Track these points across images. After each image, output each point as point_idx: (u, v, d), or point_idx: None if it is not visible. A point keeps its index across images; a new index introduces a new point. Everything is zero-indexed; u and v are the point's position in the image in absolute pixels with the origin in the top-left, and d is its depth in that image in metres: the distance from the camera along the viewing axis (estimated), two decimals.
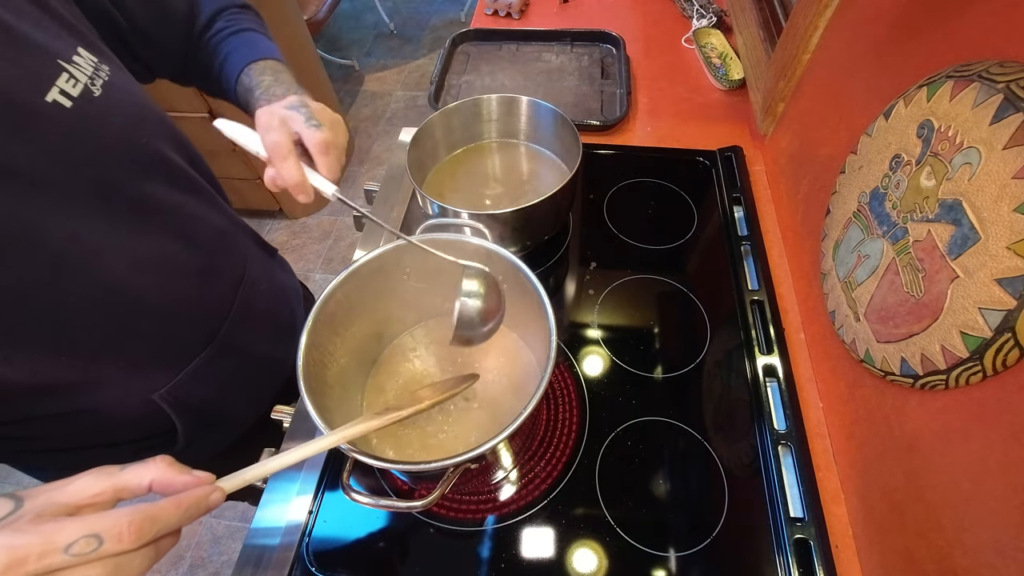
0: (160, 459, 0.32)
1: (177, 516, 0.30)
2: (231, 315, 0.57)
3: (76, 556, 0.26)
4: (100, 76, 0.43)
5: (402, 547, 0.56)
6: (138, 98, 0.48)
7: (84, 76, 0.42)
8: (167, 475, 0.31)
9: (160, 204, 0.49)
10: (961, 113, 0.40)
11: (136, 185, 0.46)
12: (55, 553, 0.26)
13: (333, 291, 0.50)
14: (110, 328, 0.46)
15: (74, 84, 0.41)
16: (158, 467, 0.31)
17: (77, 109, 0.41)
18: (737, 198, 0.80)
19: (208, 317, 0.56)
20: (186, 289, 0.52)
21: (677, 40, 1.08)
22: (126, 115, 0.46)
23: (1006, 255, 0.35)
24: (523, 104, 0.78)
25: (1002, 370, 0.36)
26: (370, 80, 2.52)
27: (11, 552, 0.25)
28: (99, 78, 0.43)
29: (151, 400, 0.52)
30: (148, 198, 0.47)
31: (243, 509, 1.39)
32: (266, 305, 0.64)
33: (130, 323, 0.48)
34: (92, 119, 0.42)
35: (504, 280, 0.54)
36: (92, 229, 0.43)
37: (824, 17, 0.66)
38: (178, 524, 0.30)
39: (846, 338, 0.54)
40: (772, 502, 0.55)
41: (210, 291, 0.55)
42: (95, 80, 0.42)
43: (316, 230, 1.97)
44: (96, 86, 0.42)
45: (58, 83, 0.40)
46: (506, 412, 0.56)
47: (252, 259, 0.62)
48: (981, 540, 0.38)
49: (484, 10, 1.18)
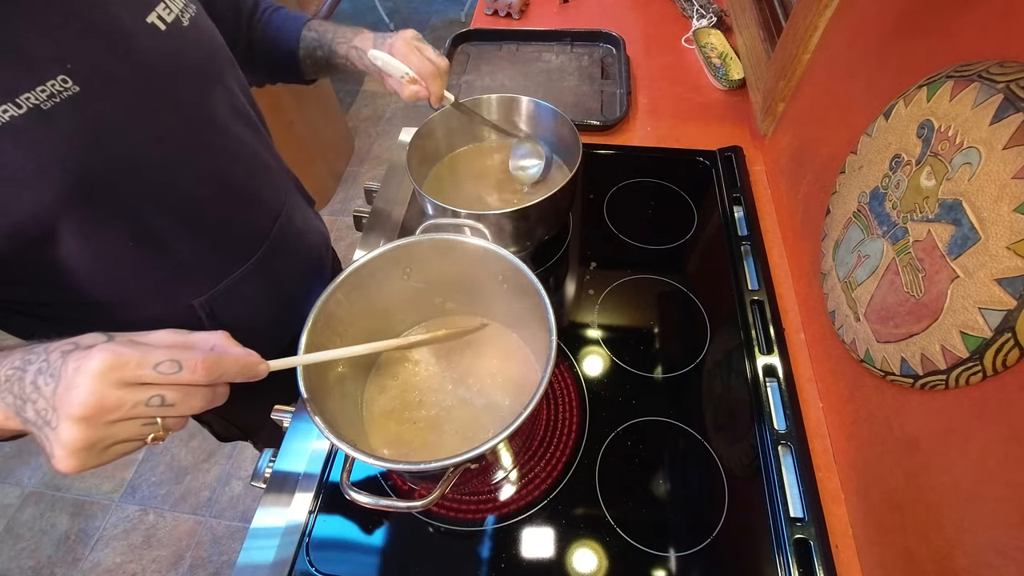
0: (221, 332, 0.38)
1: (235, 369, 0.36)
2: (268, 241, 0.63)
3: (161, 374, 0.33)
4: (189, 11, 0.51)
5: (402, 547, 0.56)
6: (217, 37, 0.56)
7: (176, 8, 0.50)
8: (226, 343, 0.38)
9: (224, 128, 0.56)
10: (961, 113, 0.40)
11: (208, 107, 0.54)
12: (147, 366, 0.32)
13: (333, 291, 0.50)
14: (171, 228, 0.52)
15: (169, 12, 0.49)
16: (219, 336, 0.38)
17: (169, 33, 0.49)
18: (737, 198, 0.80)
19: (249, 238, 0.62)
20: (234, 208, 0.58)
21: (677, 40, 1.08)
22: (207, 47, 0.54)
23: (1006, 255, 0.35)
24: (523, 104, 0.78)
25: (1002, 370, 0.36)
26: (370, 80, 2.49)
27: (117, 356, 0.32)
28: (188, 12, 0.51)
29: (191, 306, 0.58)
30: (215, 121, 0.55)
31: (243, 509, 1.39)
32: (298, 243, 0.70)
33: (187, 227, 0.54)
34: (181, 42, 0.50)
35: (504, 280, 0.54)
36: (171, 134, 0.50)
37: (824, 17, 0.66)
38: (234, 376, 0.36)
39: (846, 338, 0.54)
40: (772, 502, 0.55)
41: (253, 214, 0.62)
42: (185, 13, 0.51)
43: None
44: (185, 18, 0.51)
45: (156, 9, 0.48)
46: (506, 412, 0.56)
47: (291, 199, 0.69)
48: (981, 540, 0.38)
49: (484, 10, 1.18)
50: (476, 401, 0.57)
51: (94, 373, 0.31)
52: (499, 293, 0.56)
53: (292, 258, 0.69)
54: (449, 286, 0.59)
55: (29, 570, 1.32)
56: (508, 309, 0.59)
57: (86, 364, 0.32)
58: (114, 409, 0.32)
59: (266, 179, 0.64)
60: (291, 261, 0.69)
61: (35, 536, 1.37)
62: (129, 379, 0.32)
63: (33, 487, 1.45)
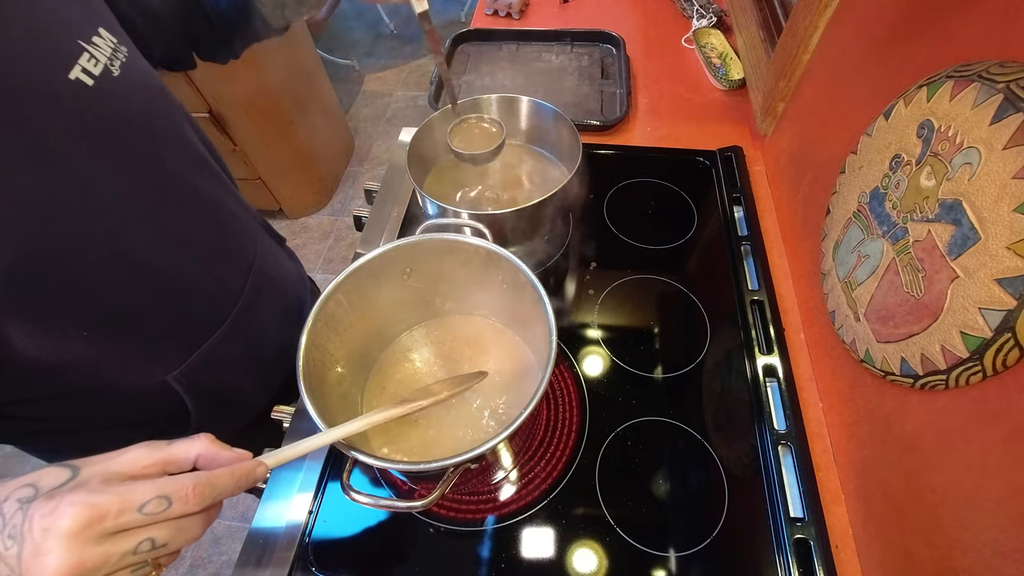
0: (203, 436, 0.33)
1: (231, 484, 0.32)
2: (242, 298, 0.58)
3: (148, 515, 0.28)
4: (119, 57, 0.44)
5: (402, 547, 0.56)
6: (155, 79, 0.49)
7: (104, 56, 0.43)
8: (212, 450, 0.33)
9: (179, 182, 0.50)
10: (961, 113, 0.40)
11: (156, 162, 0.47)
12: (130, 511, 0.28)
13: (333, 291, 0.50)
14: (130, 305, 0.47)
15: (95, 64, 0.42)
16: (202, 443, 0.33)
17: (98, 87, 0.42)
18: (737, 198, 0.80)
19: (220, 299, 0.56)
20: (200, 269, 0.53)
21: (677, 40, 1.08)
22: (144, 95, 0.47)
23: (1006, 255, 0.35)
24: (523, 104, 0.78)
25: (1002, 370, 0.36)
26: (370, 80, 2.52)
27: (92, 509, 0.27)
28: (117, 59, 0.44)
29: (165, 382, 0.53)
30: (167, 175, 0.49)
31: (243, 509, 1.39)
32: (275, 291, 0.65)
33: (149, 301, 0.48)
34: (113, 96, 0.43)
35: (504, 281, 0.54)
36: (114, 203, 0.43)
37: (824, 17, 0.66)
38: (231, 492, 0.32)
39: (846, 338, 0.54)
40: (772, 502, 0.55)
41: (222, 273, 0.56)
42: (114, 61, 0.44)
43: (316, 230, 1.97)
44: (115, 66, 0.43)
45: (80, 61, 0.41)
46: (506, 412, 0.56)
47: (262, 245, 0.63)
48: (981, 540, 0.38)
49: (484, 10, 1.18)
50: (476, 401, 0.57)
51: (68, 534, 0.26)
52: (499, 293, 0.56)
53: (270, 309, 0.64)
54: (449, 286, 0.59)
55: None
56: (508, 309, 0.59)
57: (56, 525, 0.26)
58: (97, 569, 0.27)
59: (233, 230, 0.58)
60: (269, 312, 0.64)
61: None
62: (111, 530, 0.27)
63: None
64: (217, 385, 0.58)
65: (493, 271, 0.54)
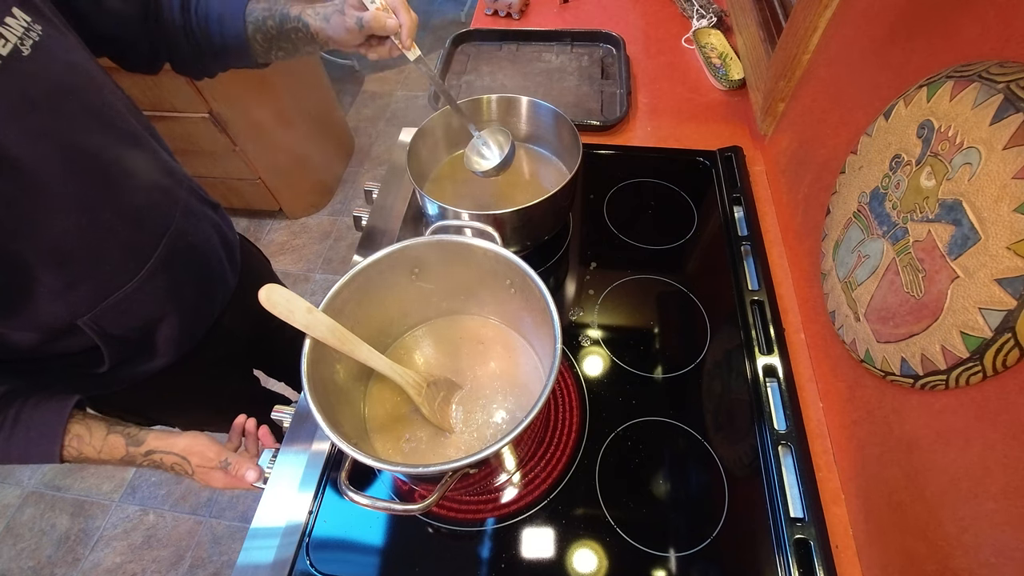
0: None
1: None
2: (154, 259, 0.61)
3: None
4: (31, 36, 0.46)
5: (402, 547, 0.56)
6: (72, 56, 0.51)
7: (14, 36, 0.45)
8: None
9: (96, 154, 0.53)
10: (961, 113, 0.40)
11: (66, 136, 0.50)
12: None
13: (339, 290, 0.50)
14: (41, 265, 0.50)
15: (4, 44, 0.44)
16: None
17: (5, 67, 0.44)
18: (737, 198, 0.80)
19: (131, 259, 0.59)
20: (110, 234, 0.56)
21: (677, 40, 1.08)
22: (57, 72, 0.49)
23: (1006, 255, 0.35)
24: (523, 104, 0.78)
25: (1002, 370, 0.36)
26: (370, 80, 2.52)
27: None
28: (29, 38, 0.46)
29: (75, 325, 0.56)
30: (83, 149, 0.51)
31: (243, 510, 1.39)
32: (191, 255, 0.67)
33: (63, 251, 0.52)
34: (21, 76, 0.45)
35: (512, 284, 0.54)
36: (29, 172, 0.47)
37: (824, 17, 0.66)
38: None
39: (846, 338, 0.54)
40: (772, 502, 0.55)
41: (131, 236, 0.58)
42: (24, 40, 0.46)
43: (316, 230, 1.97)
44: (26, 46, 0.45)
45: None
46: (509, 414, 0.56)
47: (184, 212, 0.65)
48: (981, 540, 0.38)
49: (484, 10, 1.18)
50: (479, 402, 0.57)
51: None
52: (506, 296, 0.56)
53: (186, 268, 0.66)
54: (456, 287, 0.59)
55: (29, 570, 1.32)
56: (514, 312, 0.59)
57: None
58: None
59: (153, 197, 0.61)
60: (186, 271, 0.66)
61: (35, 536, 1.37)
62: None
63: (33, 487, 1.45)
64: (127, 331, 0.61)
65: (501, 275, 0.54)
